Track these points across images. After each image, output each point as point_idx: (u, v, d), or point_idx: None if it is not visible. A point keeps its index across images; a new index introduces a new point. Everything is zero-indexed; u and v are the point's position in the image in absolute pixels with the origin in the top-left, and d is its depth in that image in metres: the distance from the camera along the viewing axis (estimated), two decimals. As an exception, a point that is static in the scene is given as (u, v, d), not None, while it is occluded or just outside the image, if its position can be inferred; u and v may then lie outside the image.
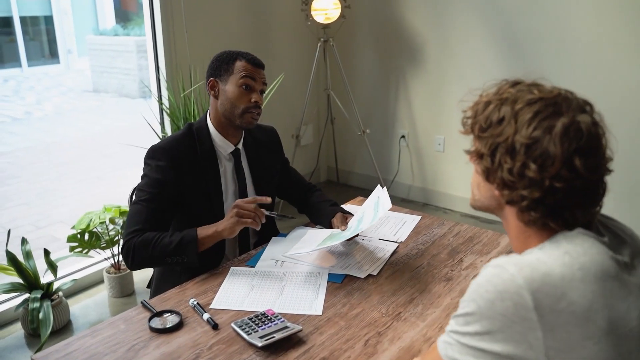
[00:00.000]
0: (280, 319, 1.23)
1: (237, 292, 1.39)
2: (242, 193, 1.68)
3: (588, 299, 0.75)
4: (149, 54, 3.06)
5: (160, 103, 2.99)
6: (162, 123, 3.06)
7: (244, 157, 1.71)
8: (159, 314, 1.28)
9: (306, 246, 1.58)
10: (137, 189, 1.59)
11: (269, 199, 1.53)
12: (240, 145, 1.68)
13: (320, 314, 1.29)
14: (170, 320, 1.26)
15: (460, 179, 3.66)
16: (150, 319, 1.26)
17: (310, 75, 3.62)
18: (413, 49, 3.64)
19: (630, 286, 0.81)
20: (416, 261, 1.54)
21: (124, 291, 2.72)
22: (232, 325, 1.22)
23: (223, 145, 1.64)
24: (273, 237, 1.70)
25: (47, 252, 2.34)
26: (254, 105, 1.59)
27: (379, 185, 1.63)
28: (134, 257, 1.48)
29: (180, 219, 1.62)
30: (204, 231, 1.49)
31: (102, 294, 2.75)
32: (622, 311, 0.78)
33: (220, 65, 1.60)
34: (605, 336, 0.76)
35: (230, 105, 1.58)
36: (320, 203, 1.80)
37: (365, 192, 1.63)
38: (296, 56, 3.84)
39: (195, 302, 1.32)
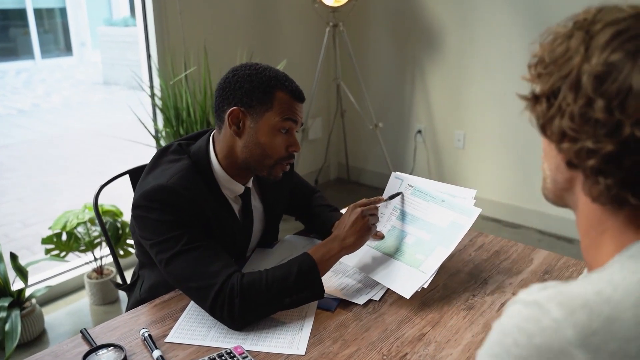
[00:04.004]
0: (250, 360, 0.96)
1: (202, 322, 1.11)
2: (247, 233, 1.35)
3: None
4: (140, 40, 2.80)
5: (153, 96, 2.72)
6: (154, 118, 2.79)
7: (255, 195, 1.37)
8: (98, 348, 1.01)
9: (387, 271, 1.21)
10: (156, 243, 1.13)
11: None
12: (250, 184, 1.32)
13: (303, 354, 1.01)
14: (110, 357, 0.99)
15: (481, 178, 3.33)
16: (85, 356, 0.99)
17: (318, 63, 3.33)
18: (432, 35, 3.33)
19: None
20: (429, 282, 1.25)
21: (106, 298, 2.47)
22: (187, 368, 0.95)
23: (230, 187, 1.26)
24: (257, 248, 1.42)
25: (14, 257, 2.09)
26: (288, 155, 1.23)
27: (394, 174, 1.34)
28: (244, 305, 1.05)
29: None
30: (322, 252, 1.15)
31: (82, 302, 2.50)
32: None
33: (253, 92, 1.16)
34: None
35: (261, 152, 1.20)
36: (317, 207, 1.51)
37: (379, 192, 1.32)
38: (302, 41, 3.53)
39: (146, 334, 1.05)
